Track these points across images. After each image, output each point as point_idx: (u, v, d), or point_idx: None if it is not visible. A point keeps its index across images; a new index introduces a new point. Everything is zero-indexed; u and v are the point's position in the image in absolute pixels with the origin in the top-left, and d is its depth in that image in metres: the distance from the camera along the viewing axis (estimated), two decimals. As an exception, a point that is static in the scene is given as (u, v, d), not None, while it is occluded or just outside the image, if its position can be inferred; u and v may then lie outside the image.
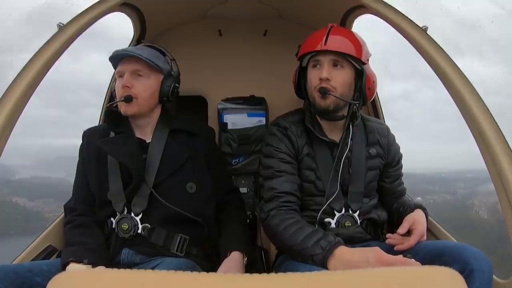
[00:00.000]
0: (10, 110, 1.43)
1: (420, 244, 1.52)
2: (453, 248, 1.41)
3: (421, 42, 1.55)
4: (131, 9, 2.01)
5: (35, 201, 23.73)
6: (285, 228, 1.52)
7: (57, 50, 1.53)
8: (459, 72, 1.49)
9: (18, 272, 1.37)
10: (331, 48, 1.62)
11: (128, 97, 1.67)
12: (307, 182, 1.70)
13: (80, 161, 1.82)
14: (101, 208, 1.71)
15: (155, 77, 1.75)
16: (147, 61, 1.69)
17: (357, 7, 1.98)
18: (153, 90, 1.74)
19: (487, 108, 1.44)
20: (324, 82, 1.62)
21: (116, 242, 1.66)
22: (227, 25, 2.51)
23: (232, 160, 2.38)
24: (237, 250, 1.65)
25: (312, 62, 1.68)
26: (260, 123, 2.41)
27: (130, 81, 1.69)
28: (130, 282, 0.79)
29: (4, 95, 1.44)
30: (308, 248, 1.42)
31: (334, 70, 1.63)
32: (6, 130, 1.44)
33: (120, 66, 1.72)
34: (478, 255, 1.34)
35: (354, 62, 1.64)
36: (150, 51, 1.77)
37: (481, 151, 1.48)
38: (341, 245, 1.39)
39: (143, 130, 1.79)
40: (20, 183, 29.86)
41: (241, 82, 2.51)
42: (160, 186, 1.69)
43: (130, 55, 1.70)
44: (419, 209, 1.68)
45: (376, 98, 2.44)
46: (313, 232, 1.46)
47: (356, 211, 1.71)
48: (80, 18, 1.58)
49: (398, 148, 1.87)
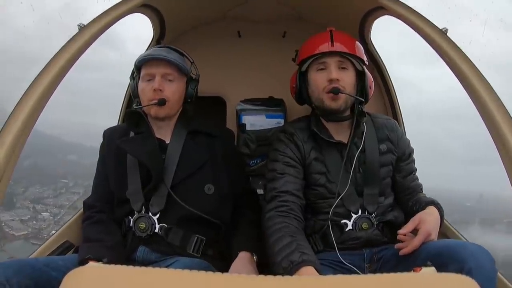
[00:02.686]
0: (31, 107, 1.47)
1: (423, 245, 1.47)
2: (450, 247, 1.37)
3: (441, 44, 1.53)
4: (151, 11, 2.04)
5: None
6: (270, 234, 1.53)
7: (77, 50, 1.57)
8: (479, 74, 1.47)
9: (34, 266, 1.39)
10: (338, 49, 1.68)
11: (162, 101, 1.70)
12: (319, 186, 1.71)
13: (100, 159, 1.86)
14: (119, 206, 1.74)
15: (182, 80, 1.80)
16: (177, 65, 1.73)
17: (377, 9, 1.96)
18: (181, 93, 1.79)
19: (506, 109, 1.42)
20: (334, 82, 1.66)
21: (133, 240, 1.68)
22: (246, 27, 2.52)
23: (250, 162, 2.38)
24: (246, 250, 1.66)
25: (315, 65, 1.72)
26: (279, 124, 2.40)
27: (162, 84, 1.72)
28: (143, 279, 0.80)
29: (25, 93, 1.49)
30: (276, 263, 1.42)
31: (340, 71, 1.68)
32: (27, 128, 1.49)
33: (149, 69, 1.74)
34: (477, 252, 1.30)
35: (356, 63, 1.70)
36: (176, 54, 1.80)
37: (501, 155, 1.45)
38: (306, 265, 1.34)
39: (163, 130, 1.81)
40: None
41: (260, 84, 2.51)
42: (178, 187, 1.70)
43: (163, 59, 1.72)
44: (430, 206, 1.63)
45: (394, 95, 2.44)
46: (286, 245, 1.44)
47: (372, 213, 1.69)
48: (101, 19, 1.62)
49: (408, 142, 1.87)
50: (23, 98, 1.47)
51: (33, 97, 1.47)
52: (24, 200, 39.62)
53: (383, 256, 1.65)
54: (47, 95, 1.52)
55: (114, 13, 1.64)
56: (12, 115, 1.45)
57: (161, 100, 1.70)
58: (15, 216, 35.30)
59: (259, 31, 2.51)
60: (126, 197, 1.71)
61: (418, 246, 1.46)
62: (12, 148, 1.42)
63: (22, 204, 38.60)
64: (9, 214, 35.54)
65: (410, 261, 1.45)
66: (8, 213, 35.55)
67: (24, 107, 1.46)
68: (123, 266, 0.87)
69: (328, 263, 1.62)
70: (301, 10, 2.43)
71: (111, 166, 1.80)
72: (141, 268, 0.81)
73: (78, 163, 49.09)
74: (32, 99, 1.47)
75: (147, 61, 1.75)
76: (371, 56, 2.38)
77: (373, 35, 2.31)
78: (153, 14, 2.08)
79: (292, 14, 2.45)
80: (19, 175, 42.22)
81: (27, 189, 41.60)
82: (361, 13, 2.11)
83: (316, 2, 2.24)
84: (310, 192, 1.73)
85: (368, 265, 1.66)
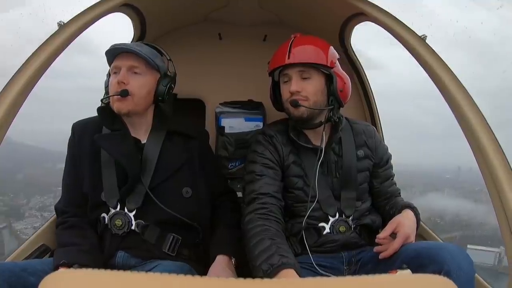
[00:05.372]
0: (8, 107, 1.43)
1: (401, 248, 1.50)
2: (430, 249, 1.40)
3: (419, 50, 1.56)
4: (132, 10, 2.01)
5: None
6: (250, 237, 1.52)
7: (56, 48, 1.54)
8: (457, 81, 1.50)
9: (12, 271, 1.35)
10: (295, 60, 1.67)
11: (124, 92, 1.62)
12: (296, 189, 1.72)
13: (69, 156, 1.76)
14: (93, 209, 1.69)
15: (152, 75, 1.72)
16: (145, 58, 1.67)
17: (357, 15, 1.99)
18: (149, 89, 1.71)
19: (484, 117, 1.45)
20: (294, 94, 1.67)
21: (111, 242, 1.64)
22: (227, 29, 2.51)
23: (229, 164, 2.37)
24: (223, 254, 1.64)
25: (281, 77, 1.73)
26: (258, 127, 2.39)
27: (126, 77, 1.65)
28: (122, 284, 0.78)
29: (2, 92, 1.44)
30: (255, 267, 1.41)
31: (302, 81, 1.68)
32: (4, 127, 1.44)
33: (116, 61, 1.68)
34: (456, 254, 1.33)
35: (321, 69, 1.68)
36: (148, 49, 1.74)
37: (478, 163, 1.48)
38: (285, 268, 1.34)
39: (138, 129, 1.76)
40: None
41: (239, 86, 2.51)
42: (156, 189, 1.67)
43: (129, 50, 1.66)
44: (407, 209, 1.66)
45: (372, 101, 2.47)
46: (266, 249, 1.43)
47: (349, 216, 1.72)
48: (81, 18, 1.58)
49: (386, 149, 1.89)
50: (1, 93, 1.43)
51: (9, 97, 1.43)
52: (31, 209, 40.60)
53: (362, 258, 1.68)
54: (24, 94, 1.48)
55: (94, 11, 1.61)
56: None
57: (123, 91, 1.62)
58: (27, 224, 36.40)
59: (240, 34, 2.51)
60: (101, 200, 1.66)
61: (397, 249, 1.49)
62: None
63: (30, 214, 39.58)
64: (22, 223, 37.03)
65: (389, 263, 1.48)
66: (20, 223, 37.14)
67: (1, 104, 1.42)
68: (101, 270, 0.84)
69: (307, 266, 1.63)
70: (282, 15, 2.44)
71: (85, 163, 1.72)
72: (120, 272, 0.79)
73: (67, 171, 49.71)
74: (8, 99, 1.43)
75: (116, 54, 1.69)
76: (350, 62, 2.41)
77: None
78: (134, 13, 2.05)
79: (273, 18, 2.46)
80: (17, 188, 43.85)
81: (30, 200, 42.50)
82: (341, 19, 2.13)
83: (296, 8, 2.26)
84: (288, 195, 1.74)
85: (347, 268, 1.68)
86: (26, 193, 43.60)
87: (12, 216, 38.49)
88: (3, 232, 35.00)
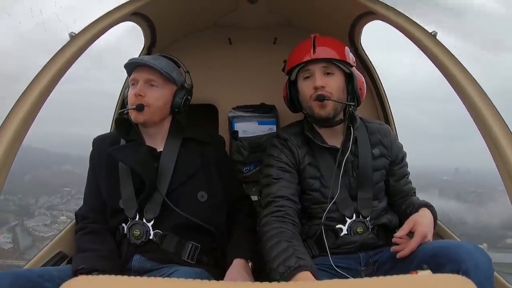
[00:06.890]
0: (23, 116, 1.47)
1: (419, 247, 1.47)
2: (447, 248, 1.37)
3: (431, 47, 1.54)
4: (142, 19, 2.04)
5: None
6: (267, 240, 1.52)
7: (68, 59, 1.57)
8: (469, 77, 1.49)
9: (29, 277, 1.38)
10: (320, 56, 1.68)
11: (140, 106, 1.68)
12: (313, 191, 1.71)
13: (90, 168, 1.83)
14: (112, 216, 1.72)
15: (169, 88, 1.77)
16: (161, 72, 1.71)
17: (366, 14, 1.98)
18: (165, 101, 1.76)
19: (498, 112, 1.44)
20: (319, 89, 1.66)
21: (128, 248, 1.66)
22: (237, 33, 2.52)
23: (243, 168, 2.37)
24: (241, 257, 1.65)
25: (302, 74, 1.73)
26: (271, 130, 2.40)
27: (143, 90, 1.70)
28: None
29: (17, 102, 1.48)
30: (272, 269, 1.41)
31: (326, 77, 1.68)
32: (20, 137, 1.48)
33: (134, 74, 1.74)
34: (474, 252, 1.30)
35: (343, 67, 1.69)
36: (166, 62, 1.79)
37: (492, 154, 1.47)
38: (302, 270, 1.34)
39: (154, 138, 1.79)
40: None
41: (251, 90, 2.51)
42: (172, 194, 1.69)
43: (146, 64, 1.71)
44: (424, 208, 1.64)
45: (385, 99, 2.46)
46: (283, 251, 1.43)
47: (366, 217, 1.70)
48: (92, 28, 1.61)
49: (401, 147, 1.88)
50: (16, 105, 1.46)
51: (24, 107, 1.46)
52: (40, 208, 42.34)
53: (379, 259, 1.66)
54: (39, 105, 1.52)
55: (105, 21, 1.64)
56: (7, 118, 1.45)
57: (138, 106, 1.68)
58: (39, 222, 38.44)
59: (249, 38, 2.51)
60: (119, 207, 1.69)
61: (415, 248, 1.46)
62: (5, 158, 1.41)
63: (40, 212, 41.33)
64: (33, 221, 38.74)
65: (406, 263, 1.46)
66: (31, 221, 38.82)
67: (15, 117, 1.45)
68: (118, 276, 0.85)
69: (324, 268, 1.62)
70: (291, 17, 2.44)
71: (102, 175, 1.78)
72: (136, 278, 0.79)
73: (74, 172, 50.58)
74: (24, 109, 1.46)
75: (135, 67, 1.75)
76: (361, 61, 2.39)
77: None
78: (144, 22, 2.08)
79: (283, 21, 2.47)
80: (25, 189, 44.86)
81: (38, 200, 44.26)
82: (351, 19, 2.12)
83: (306, 9, 2.26)
84: (305, 197, 1.73)
85: (364, 269, 1.67)
86: (34, 193, 45.39)
87: (23, 215, 40.02)
88: (16, 229, 37.83)
